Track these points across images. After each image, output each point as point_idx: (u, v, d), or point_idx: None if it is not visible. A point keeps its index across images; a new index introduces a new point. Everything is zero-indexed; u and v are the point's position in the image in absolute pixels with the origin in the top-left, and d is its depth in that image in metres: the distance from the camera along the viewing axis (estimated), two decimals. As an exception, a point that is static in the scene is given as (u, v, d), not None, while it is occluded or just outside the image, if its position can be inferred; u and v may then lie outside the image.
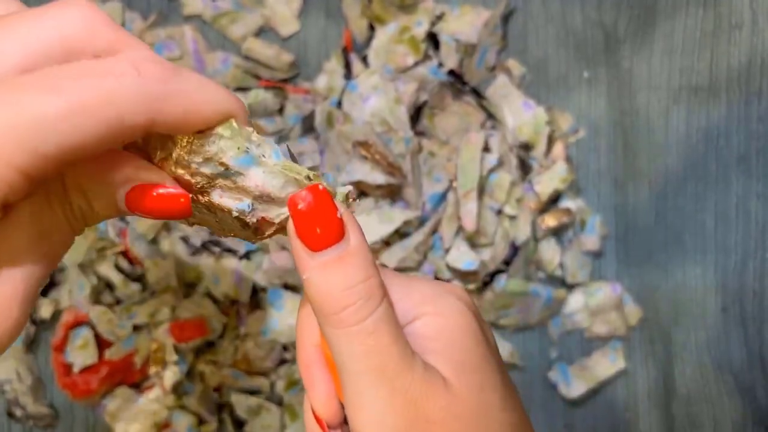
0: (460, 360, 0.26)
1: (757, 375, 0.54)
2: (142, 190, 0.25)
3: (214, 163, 0.25)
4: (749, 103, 0.55)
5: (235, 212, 0.26)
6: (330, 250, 0.25)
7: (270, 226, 0.26)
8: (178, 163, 0.25)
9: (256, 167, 0.25)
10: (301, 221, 0.25)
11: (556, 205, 0.55)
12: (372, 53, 0.55)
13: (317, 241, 0.25)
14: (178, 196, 0.25)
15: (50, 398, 0.54)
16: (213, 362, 0.53)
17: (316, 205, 0.25)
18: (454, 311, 0.27)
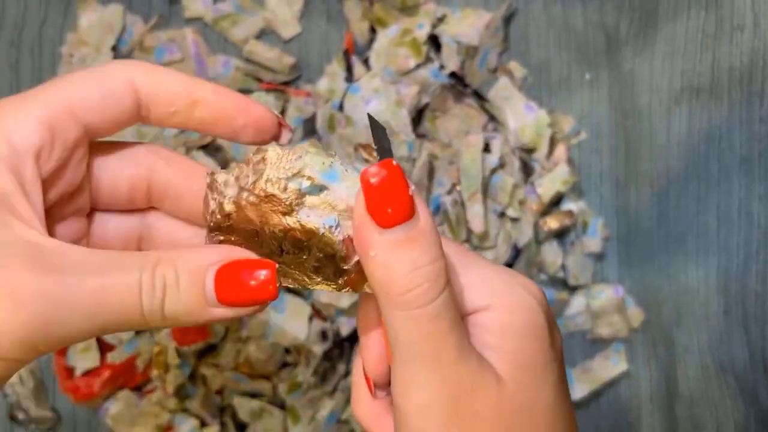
0: (519, 360, 0.26)
1: (759, 377, 0.54)
2: (231, 270, 0.25)
3: (300, 178, 0.25)
4: (751, 105, 0.55)
5: (323, 229, 0.25)
6: (399, 228, 0.24)
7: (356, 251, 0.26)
8: (269, 181, 0.25)
9: (341, 182, 0.25)
10: (372, 196, 0.24)
11: (558, 208, 0.55)
12: (373, 56, 0.55)
13: (387, 218, 0.24)
14: (267, 283, 0.25)
15: (52, 401, 0.54)
16: (215, 365, 0.53)
17: (390, 180, 0.24)
18: (524, 308, 0.26)
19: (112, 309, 0.23)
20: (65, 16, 0.56)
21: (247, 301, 0.24)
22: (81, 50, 0.55)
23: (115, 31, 0.56)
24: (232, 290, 0.24)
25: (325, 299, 0.51)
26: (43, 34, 0.56)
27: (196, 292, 0.24)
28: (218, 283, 0.24)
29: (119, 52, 0.56)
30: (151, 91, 0.27)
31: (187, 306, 0.24)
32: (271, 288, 0.24)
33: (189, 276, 0.24)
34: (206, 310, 0.24)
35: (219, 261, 0.25)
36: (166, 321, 0.24)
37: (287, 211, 0.25)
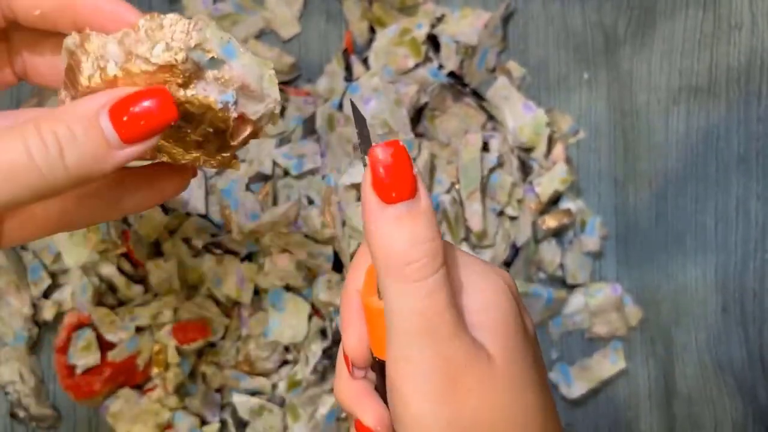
0: (504, 340, 0.26)
1: (757, 375, 0.54)
2: (123, 105, 0.24)
3: (201, 51, 0.25)
4: (749, 104, 0.55)
5: (220, 104, 0.25)
6: (402, 205, 0.25)
7: (245, 128, 0.26)
8: (169, 50, 0.24)
9: (237, 59, 0.25)
10: (379, 173, 0.25)
11: (556, 206, 0.55)
12: (372, 55, 0.55)
13: (392, 195, 0.25)
14: (165, 103, 0.24)
15: (53, 399, 0.54)
16: (215, 363, 0.53)
17: (396, 158, 0.25)
18: (500, 292, 0.27)
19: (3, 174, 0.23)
20: (66, 16, 0.56)
21: (151, 127, 0.24)
22: (81, 50, 0.55)
23: (116, 30, 0.56)
24: (132, 123, 0.24)
25: (325, 298, 0.51)
26: (44, 33, 0.56)
27: (95, 135, 0.24)
28: (114, 121, 0.24)
29: (119, 52, 0.56)
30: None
31: (91, 152, 0.24)
32: (170, 107, 0.24)
33: (81, 122, 0.24)
34: (112, 152, 0.24)
35: (107, 102, 0.24)
36: (72, 175, 0.24)
37: (184, 83, 0.25)
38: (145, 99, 0.24)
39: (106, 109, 0.24)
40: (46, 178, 0.23)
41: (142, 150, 0.25)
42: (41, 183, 0.23)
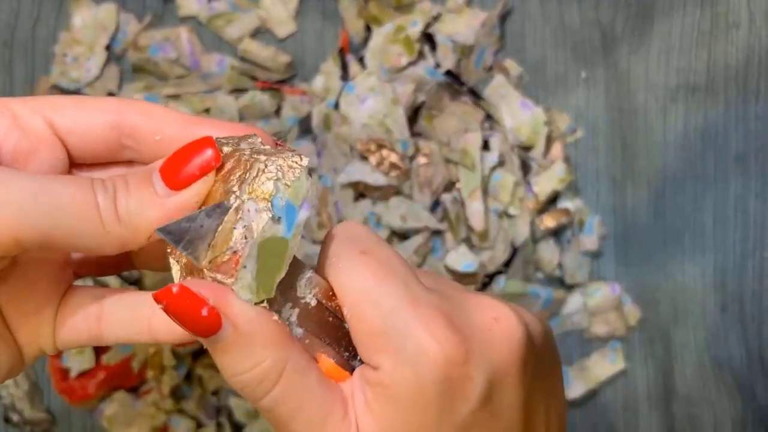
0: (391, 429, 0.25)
1: (756, 374, 0.54)
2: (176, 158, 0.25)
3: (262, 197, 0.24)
4: (747, 102, 0.55)
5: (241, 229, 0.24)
6: (207, 341, 0.24)
7: (198, 272, 0.25)
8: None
9: (274, 226, 0.24)
10: (170, 316, 0.24)
11: (554, 206, 0.54)
12: (369, 54, 0.55)
13: (193, 332, 0.24)
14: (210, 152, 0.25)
15: (47, 403, 0.54)
16: (211, 366, 0.52)
17: (175, 307, 0.24)
18: (409, 374, 0.25)
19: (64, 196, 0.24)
20: (58, 16, 0.56)
21: (195, 172, 0.25)
22: (74, 49, 0.55)
23: (109, 30, 0.55)
24: (178, 173, 0.25)
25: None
26: (36, 33, 0.56)
27: (145, 186, 0.25)
28: (164, 172, 0.25)
29: (113, 52, 0.56)
30: (137, 124, 0.27)
31: (137, 200, 0.24)
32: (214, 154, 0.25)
33: (136, 177, 0.25)
34: (158, 201, 0.25)
35: (163, 160, 0.25)
36: (122, 221, 0.24)
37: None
38: (190, 148, 0.25)
39: (158, 166, 0.25)
40: (101, 221, 0.24)
41: (189, 198, 0.25)
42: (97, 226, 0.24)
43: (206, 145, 0.25)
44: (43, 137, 0.26)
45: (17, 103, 0.26)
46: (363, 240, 0.27)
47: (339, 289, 0.26)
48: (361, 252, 0.26)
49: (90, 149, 0.27)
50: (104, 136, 0.27)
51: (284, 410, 0.25)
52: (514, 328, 0.26)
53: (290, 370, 0.25)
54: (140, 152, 0.28)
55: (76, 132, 0.27)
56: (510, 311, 0.27)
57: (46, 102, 0.27)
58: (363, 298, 0.25)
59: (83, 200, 0.24)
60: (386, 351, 0.25)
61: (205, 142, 0.25)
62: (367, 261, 0.26)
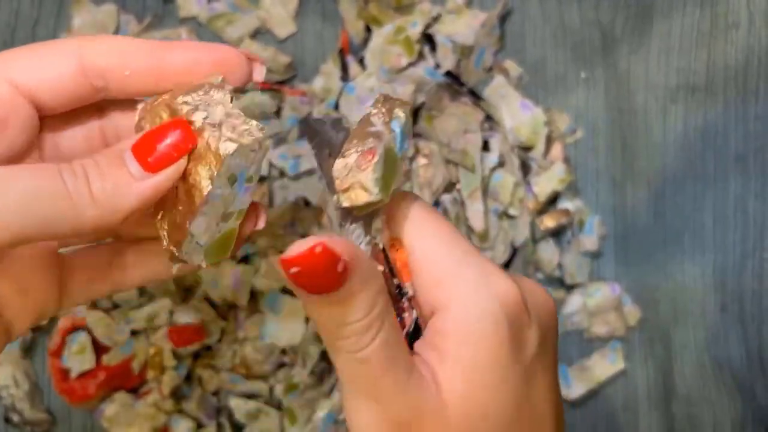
0: (469, 372, 0.25)
1: (756, 374, 0.54)
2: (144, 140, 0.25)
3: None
4: (746, 103, 0.55)
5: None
6: (325, 296, 0.24)
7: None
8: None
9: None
10: (296, 279, 0.24)
11: (554, 206, 0.54)
12: (369, 55, 0.55)
13: (315, 290, 0.24)
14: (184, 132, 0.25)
15: (47, 403, 0.54)
16: (211, 366, 0.52)
17: (309, 269, 0.23)
18: (481, 313, 0.26)
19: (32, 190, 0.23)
20: (58, 16, 0.56)
21: (170, 154, 0.25)
22: (74, 50, 0.55)
23: (109, 30, 0.55)
24: (152, 152, 0.25)
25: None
26: (36, 33, 0.56)
27: (118, 167, 0.25)
28: (137, 152, 0.25)
29: (113, 52, 0.55)
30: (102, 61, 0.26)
31: (112, 183, 0.24)
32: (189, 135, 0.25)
33: (107, 158, 0.25)
34: (132, 184, 0.24)
35: (133, 140, 0.25)
36: (97, 204, 0.24)
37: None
38: (162, 130, 0.25)
39: (129, 147, 0.25)
40: (75, 207, 0.24)
41: (164, 181, 0.25)
42: (71, 212, 0.24)
43: (178, 124, 0.25)
44: (10, 104, 0.26)
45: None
46: (430, 206, 0.28)
47: (411, 238, 0.27)
48: (432, 211, 0.27)
49: (59, 100, 0.27)
50: (72, 84, 0.27)
51: (378, 363, 0.25)
52: (550, 299, 0.29)
53: (389, 322, 0.25)
54: (111, 90, 0.27)
55: (42, 88, 0.26)
56: (544, 288, 0.29)
57: (4, 59, 0.26)
58: (436, 245, 0.27)
59: (53, 190, 0.24)
60: (458, 290, 0.26)
61: (177, 123, 0.25)
62: (439, 219, 0.27)
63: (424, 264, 0.27)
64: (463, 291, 0.26)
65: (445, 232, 0.27)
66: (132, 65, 0.27)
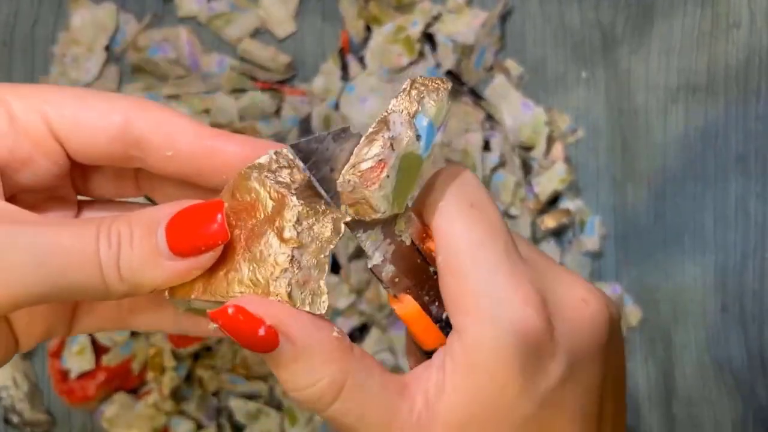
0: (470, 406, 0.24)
1: (757, 375, 0.54)
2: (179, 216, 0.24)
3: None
4: (747, 103, 0.55)
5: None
6: (266, 357, 0.23)
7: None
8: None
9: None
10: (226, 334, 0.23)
11: (555, 206, 0.54)
12: (369, 54, 0.55)
13: (248, 348, 0.23)
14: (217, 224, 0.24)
15: (47, 404, 0.54)
16: (211, 367, 0.52)
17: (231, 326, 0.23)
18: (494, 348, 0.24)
19: (67, 258, 0.22)
20: (57, 15, 0.56)
21: (199, 244, 0.23)
22: (73, 50, 0.55)
23: (108, 30, 0.55)
24: (183, 236, 0.23)
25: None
26: (35, 33, 0.56)
27: (148, 243, 0.23)
28: (170, 232, 0.23)
29: (112, 52, 0.55)
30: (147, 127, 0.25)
31: (139, 258, 0.23)
32: (221, 228, 0.23)
33: (141, 228, 0.23)
34: (159, 262, 0.23)
35: (171, 211, 0.24)
36: (123, 280, 0.23)
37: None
38: (199, 213, 0.24)
39: (167, 219, 0.23)
40: (102, 274, 0.23)
41: (190, 268, 0.24)
42: (96, 277, 0.23)
43: (216, 212, 0.24)
44: (40, 142, 0.25)
45: (15, 96, 0.25)
46: (473, 191, 0.25)
47: (441, 236, 0.25)
48: (471, 204, 0.25)
49: (91, 154, 0.26)
50: (107, 144, 0.25)
51: (346, 421, 0.24)
52: (601, 313, 0.26)
53: (350, 384, 0.24)
54: (148, 164, 0.26)
55: (77, 136, 0.25)
56: (599, 294, 0.26)
57: (45, 96, 0.25)
58: (464, 253, 0.24)
59: (86, 260, 0.23)
60: (474, 313, 0.24)
61: (214, 209, 0.24)
62: (475, 216, 0.25)
63: (446, 274, 0.25)
64: (478, 320, 0.24)
65: (478, 231, 0.25)
66: (177, 146, 0.25)
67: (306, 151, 0.24)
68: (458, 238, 0.25)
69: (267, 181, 0.24)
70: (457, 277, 0.24)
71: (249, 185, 0.24)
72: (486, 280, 0.24)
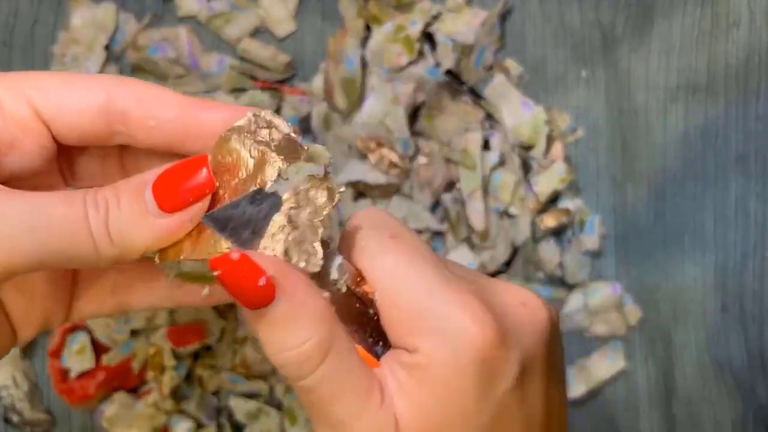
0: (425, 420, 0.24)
1: (757, 374, 0.54)
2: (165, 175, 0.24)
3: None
4: (747, 102, 0.55)
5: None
6: (260, 312, 0.23)
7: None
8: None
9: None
10: (222, 282, 0.23)
11: (555, 205, 0.54)
12: (368, 54, 0.55)
13: (242, 302, 0.23)
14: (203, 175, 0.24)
15: (47, 404, 0.54)
16: (211, 366, 0.52)
17: (231, 274, 0.23)
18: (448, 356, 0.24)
19: (58, 222, 0.23)
20: (57, 15, 0.56)
21: (187, 196, 0.24)
22: (73, 49, 0.55)
23: (108, 29, 0.55)
24: (171, 191, 0.24)
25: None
26: (35, 33, 0.56)
27: (137, 203, 0.24)
28: (157, 189, 0.24)
29: (112, 51, 0.55)
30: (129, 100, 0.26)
31: (128, 218, 0.24)
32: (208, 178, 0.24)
33: (128, 191, 0.24)
34: (149, 221, 0.24)
35: (157, 173, 0.24)
36: (113, 241, 0.24)
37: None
38: (184, 168, 0.24)
39: (153, 179, 0.24)
40: (93, 238, 0.23)
41: (180, 222, 0.24)
42: (87, 242, 0.23)
43: (200, 165, 0.24)
44: (27, 125, 0.25)
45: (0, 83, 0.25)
46: (389, 225, 0.26)
47: (370, 273, 0.26)
48: (390, 236, 0.26)
49: (76, 134, 0.26)
50: (91, 123, 0.26)
51: (325, 391, 0.24)
52: (541, 313, 0.27)
53: (335, 350, 0.24)
54: (133, 138, 0.26)
55: (62, 117, 0.25)
56: (536, 296, 0.27)
57: (30, 80, 0.25)
58: (397, 281, 0.25)
59: (75, 224, 0.23)
60: (423, 333, 0.24)
61: (199, 162, 0.24)
62: (397, 245, 0.26)
63: (386, 305, 0.25)
64: (428, 337, 0.24)
65: (405, 260, 0.25)
66: (160, 116, 0.26)
67: (221, 219, 0.25)
68: (389, 269, 0.25)
69: (246, 141, 0.25)
70: (398, 305, 0.25)
71: (230, 146, 0.25)
72: (426, 298, 0.25)
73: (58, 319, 0.29)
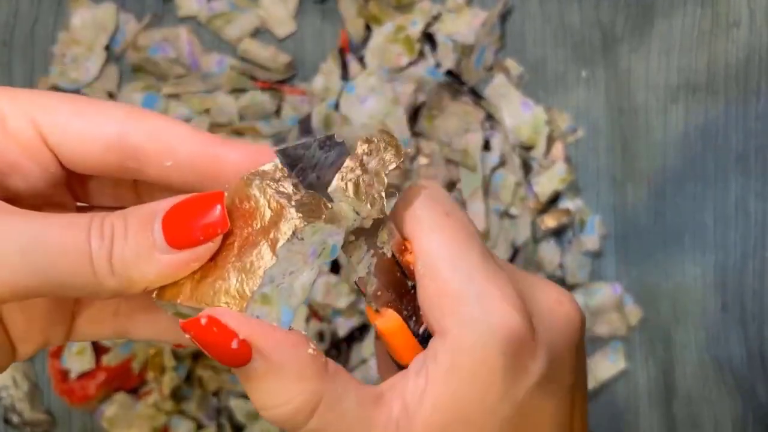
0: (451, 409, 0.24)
1: (757, 374, 0.54)
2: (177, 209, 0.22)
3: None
4: (747, 102, 0.55)
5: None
6: (239, 371, 0.23)
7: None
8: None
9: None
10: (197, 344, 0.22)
11: (555, 206, 0.54)
12: (369, 54, 0.55)
13: (220, 361, 0.22)
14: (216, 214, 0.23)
15: (47, 404, 0.54)
16: (211, 367, 0.52)
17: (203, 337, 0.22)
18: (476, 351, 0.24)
19: (56, 248, 0.21)
20: (57, 15, 0.56)
21: (197, 234, 0.22)
22: (73, 50, 0.55)
23: (108, 30, 0.55)
24: (181, 227, 0.22)
25: (323, 300, 0.51)
26: (35, 33, 0.56)
27: (144, 235, 0.22)
28: (166, 223, 0.22)
29: (112, 52, 0.55)
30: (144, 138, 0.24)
31: (133, 251, 0.22)
32: (221, 217, 0.22)
33: (137, 221, 0.22)
34: (153, 256, 0.22)
35: (169, 204, 0.23)
36: (115, 273, 0.22)
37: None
38: (198, 203, 0.23)
39: (164, 211, 0.22)
40: (93, 268, 0.22)
41: (186, 261, 0.23)
42: (86, 270, 0.22)
43: (215, 202, 0.23)
44: (30, 148, 0.24)
45: (6, 99, 0.24)
46: (446, 202, 0.26)
47: (418, 245, 0.25)
48: (446, 213, 0.25)
49: (84, 165, 0.24)
50: (101, 155, 0.24)
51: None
52: (574, 313, 0.27)
53: (324, 404, 0.23)
54: (146, 175, 0.25)
55: (69, 145, 0.24)
56: (572, 297, 0.27)
57: (38, 102, 0.24)
58: (442, 259, 0.25)
59: (75, 251, 0.22)
60: (456, 315, 0.24)
61: (214, 199, 0.23)
62: (451, 224, 0.25)
63: (426, 279, 0.25)
64: (460, 321, 0.24)
65: (454, 240, 0.25)
66: (177, 156, 0.24)
67: (293, 156, 0.24)
68: (436, 245, 0.25)
69: (268, 189, 0.23)
70: (438, 282, 0.25)
71: (249, 192, 0.23)
72: (467, 282, 0.24)
73: (58, 337, 0.27)
